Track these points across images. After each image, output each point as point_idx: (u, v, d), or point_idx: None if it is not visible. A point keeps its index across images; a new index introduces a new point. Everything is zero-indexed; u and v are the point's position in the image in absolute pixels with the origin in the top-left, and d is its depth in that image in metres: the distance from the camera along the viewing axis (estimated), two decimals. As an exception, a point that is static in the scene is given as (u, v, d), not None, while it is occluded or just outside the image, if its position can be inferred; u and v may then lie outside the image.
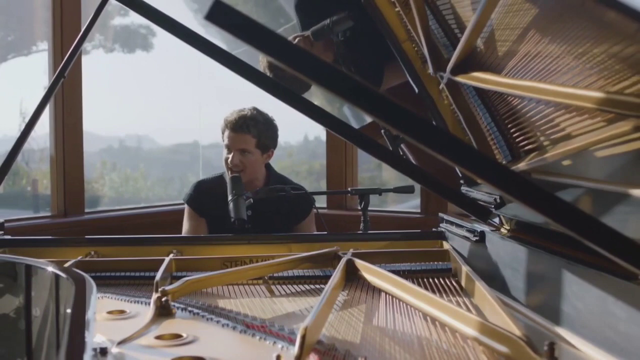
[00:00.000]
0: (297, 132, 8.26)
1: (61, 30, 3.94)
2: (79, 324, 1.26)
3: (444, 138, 1.17)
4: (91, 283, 1.54)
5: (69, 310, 1.41)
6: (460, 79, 1.99)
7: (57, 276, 1.67)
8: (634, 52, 1.20)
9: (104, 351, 1.34)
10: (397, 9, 2.27)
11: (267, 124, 3.45)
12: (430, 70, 2.19)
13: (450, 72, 2.02)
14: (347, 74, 1.09)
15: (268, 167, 3.56)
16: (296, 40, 3.23)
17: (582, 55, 1.39)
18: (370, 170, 6.72)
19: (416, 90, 2.40)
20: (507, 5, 1.63)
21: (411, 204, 4.94)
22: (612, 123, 1.36)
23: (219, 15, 1.04)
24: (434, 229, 2.66)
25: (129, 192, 8.78)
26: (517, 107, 1.84)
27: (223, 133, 3.46)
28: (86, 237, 2.65)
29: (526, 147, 1.89)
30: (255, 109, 3.46)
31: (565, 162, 1.68)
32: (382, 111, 1.04)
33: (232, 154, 3.38)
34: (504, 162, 2.04)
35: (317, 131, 7.73)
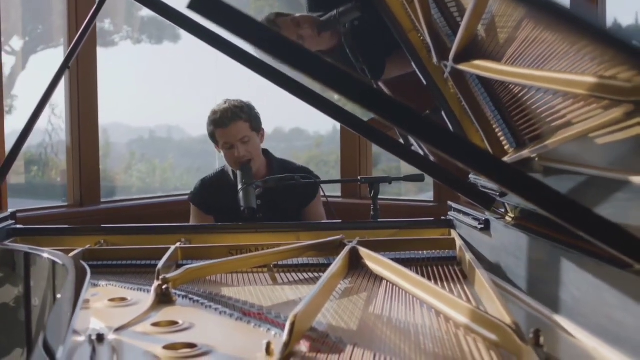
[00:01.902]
0: (327, 122, 8.28)
1: (76, 23, 3.97)
2: (67, 307, 1.27)
3: (438, 132, 1.18)
4: (85, 270, 1.56)
5: (59, 296, 1.42)
6: (462, 67, 1.98)
7: (54, 264, 1.69)
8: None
9: (100, 337, 1.36)
10: (401, 0, 2.27)
11: (248, 107, 3.43)
12: (435, 59, 2.18)
13: (453, 61, 2.01)
14: (332, 63, 1.09)
15: (267, 153, 3.55)
16: (307, 25, 3.23)
17: (576, 40, 1.38)
18: (396, 160, 6.71)
19: (424, 81, 2.39)
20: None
21: (430, 195, 4.93)
22: (607, 109, 1.35)
23: (201, 4, 1.05)
24: (442, 218, 2.66)
25: (157, 182, 8.84)
26: (519, 94, 1.83)
27: (213, 137, 3.44)
28: (94, 225, 2.68)
29: (530, 135, 1.88)
30: (227, 100, 3.45)
31: (567, 149, 1.68)
32: (360, 99, 1.05)
33: (234, 148, 3.36)
34: (510, 150, 2.04)
35: (346, 121, 7.76)
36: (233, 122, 3.36)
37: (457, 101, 2.31)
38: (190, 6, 1.05)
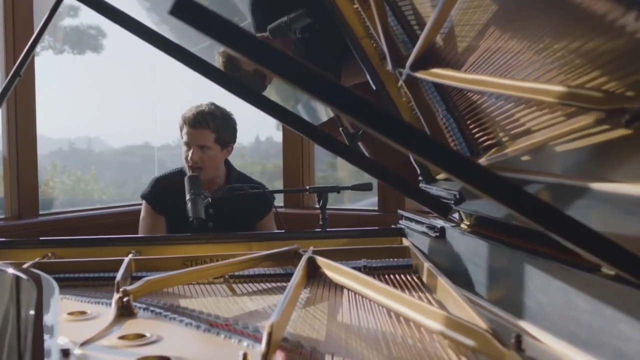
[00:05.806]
0: (249, 133, 8.27)
1: (13, 29, 3.89)
2: (39, 326, 1.23)
3: (407, 130, 1.17)
4: (53, 284, 1.52)
5: (32, 312, 1.38)
6: (419, 75, 2.00)
7: (17, 279, 1.64)
8: (594, 47, 1.21)
9: (66, 352, 1.32)
10: (355, 6, 2.28)
11: (225, 119, 3.45)
12: (389, 66, 2.19)
13: (410, 68, 2.02)
14: (311, 67, 1.08)
15: (228, 164, 3.56)
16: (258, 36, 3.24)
17: (542, 50, 1.40)
18: (324, 170, 6.74)
19: (374, 88, 2.40)
20: (467, 2, 1.64)
21: (368, 202, 4.96)
22: (572, 117, 1.37)
23: (183, 10, 1.03)
24: (393, 226, 2.67)
25: (81, 194, 8.68)
26: (477, 102, 1.85)
27: (181, 130, 3.45)
28: (42, 238, 2.61)
29: (485, 143, 1.90)
30: (212, 104, 3.46)
31: (525, 158, 1.69)
32: (347, 105, 1.04)
33: (191, 150, 3.37)
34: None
35: (269, 132, 7.76)
36: (199, 127, 3.39)
37: (409, 109, 2.32)
38: (172, 12, 1.03)
